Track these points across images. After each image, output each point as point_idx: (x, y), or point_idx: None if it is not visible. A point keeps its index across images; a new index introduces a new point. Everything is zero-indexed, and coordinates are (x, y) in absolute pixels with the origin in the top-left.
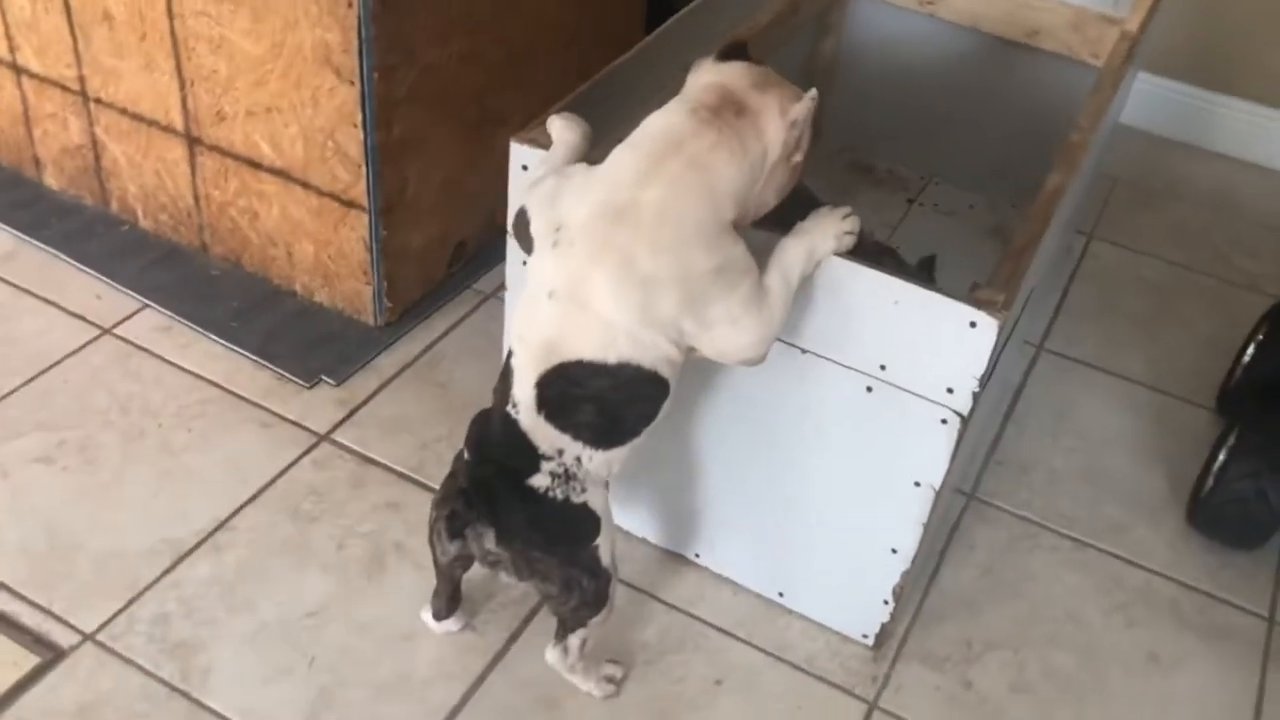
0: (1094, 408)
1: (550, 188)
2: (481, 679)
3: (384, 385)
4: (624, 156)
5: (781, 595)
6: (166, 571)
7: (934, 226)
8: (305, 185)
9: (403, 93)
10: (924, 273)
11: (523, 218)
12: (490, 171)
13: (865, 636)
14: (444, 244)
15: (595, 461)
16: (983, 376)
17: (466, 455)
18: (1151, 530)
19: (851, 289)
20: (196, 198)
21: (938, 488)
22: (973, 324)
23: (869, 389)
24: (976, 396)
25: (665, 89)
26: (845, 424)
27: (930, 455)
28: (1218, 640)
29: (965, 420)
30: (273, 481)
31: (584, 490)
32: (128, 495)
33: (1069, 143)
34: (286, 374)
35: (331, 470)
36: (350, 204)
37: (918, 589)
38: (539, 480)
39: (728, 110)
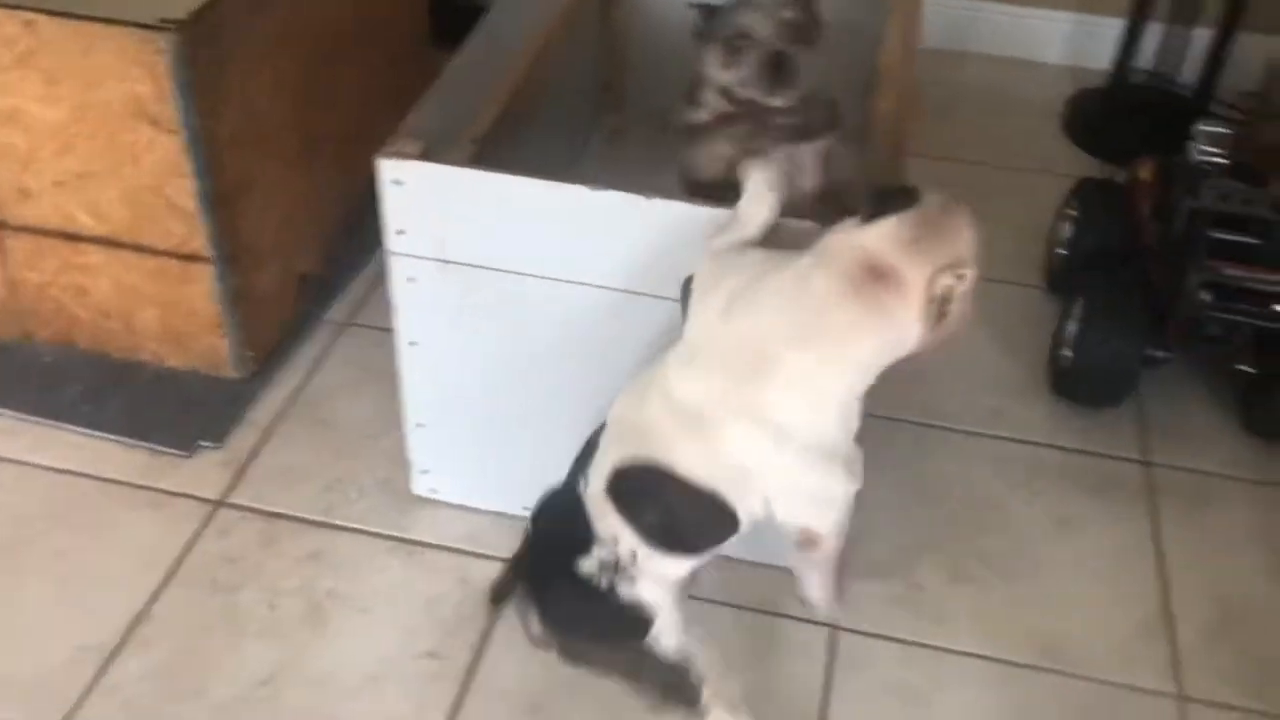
0: None
1: (725, 264)
2: (459, 703)
3: (267, 437)
4: (782, 296)
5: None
6: (96, 678)
7: None
8: (137, 248)
9: (228, 134)
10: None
11: (686, 288)
12: (320, 198)
13: None
14: (289, 281)
15: (651, 561)
16: None
17: (530, 511)
18: (1025, 408)
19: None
20: (10, 285)
21: None
22: None
23: None
24: None
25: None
26: None
27: None
28: (1108, 492)
29: None
30: (180, 560)
31: (634, 583)
32: (29, 611)
33: (887, 64)
34: (160, 447)
35: (238, 534)
36: (191, 258)
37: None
38: (587, 565)
39: (878, 276)
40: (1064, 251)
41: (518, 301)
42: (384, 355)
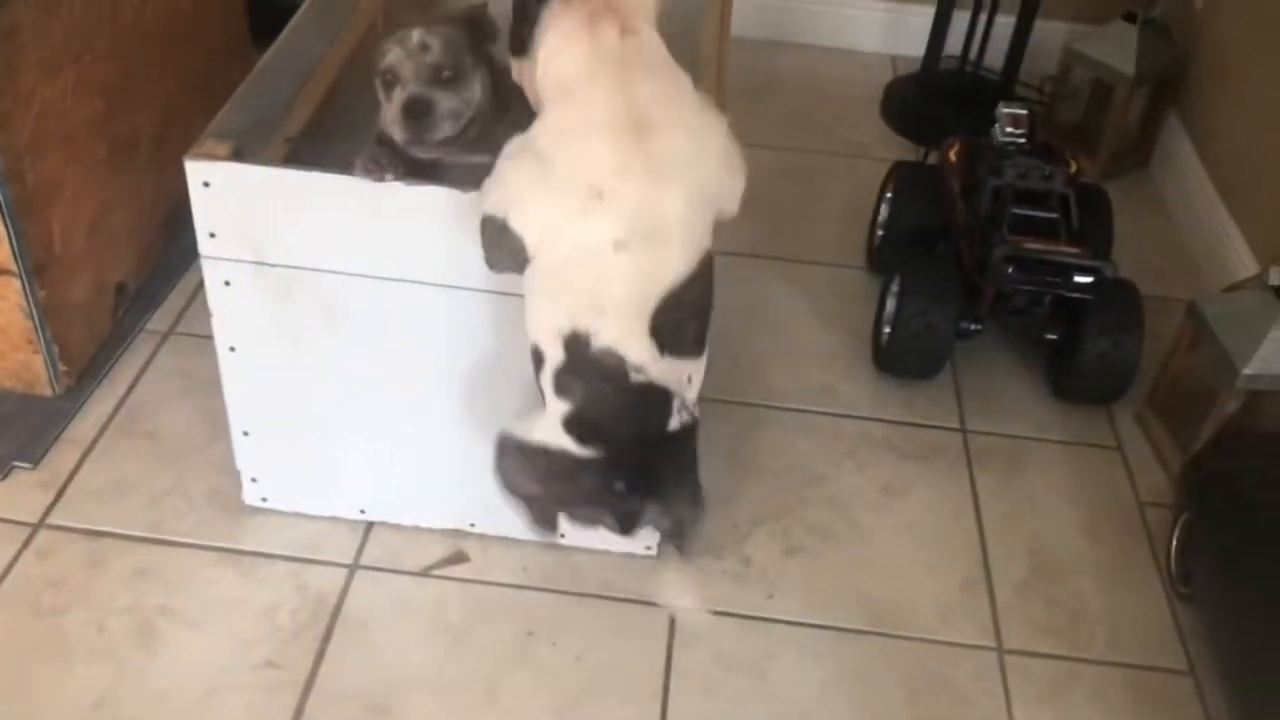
0: (772, 292)
1: (514, 176)
2: (300, 710)
3: (87, 453)
4: (588, 94)
5: (563, 536)
6: None
7: None
8: None
9: (26, 139)
10: None
11: (492, 224)
12: (132, 203)
13: (649, 549)
14: (104, 291)
15: (700, 367)
16: None
17: (587, 451)
18: (851, 383)
19: None
20: None
21: None
22: None
23: None
24: None
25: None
26: None
27: None
28: (930, 459)
29: None
30: None
31: (695, 402)
32: None
33: (703, 54)
34: None
35: (60, 556)
36: None
37: None
38: (674, 423)
39: (604, 11)
40: (882, 232)
41: (336, 301)
42: (208, 363)
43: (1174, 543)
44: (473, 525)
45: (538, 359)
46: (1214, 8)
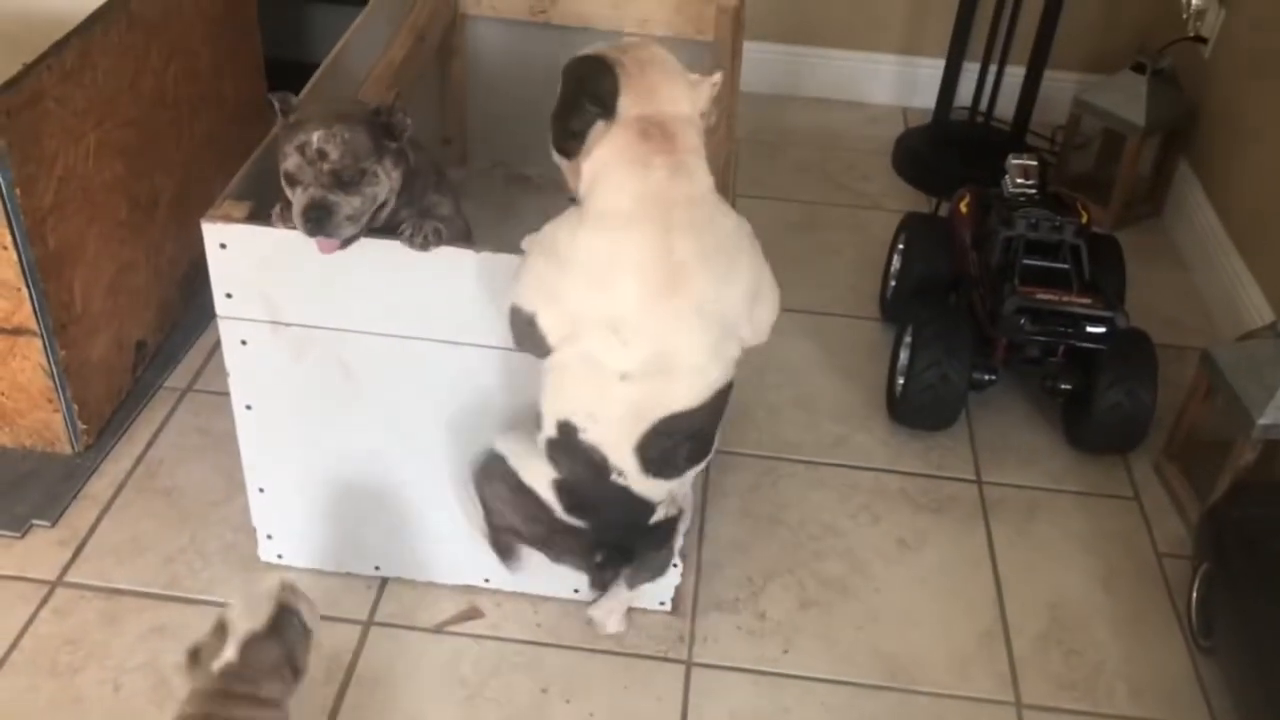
0: (785, 344)
1: (546, 277)
2: None
3: (105, 511)
4: (627, 237)
5: (577, 591)
6: None
7: None
8: None
9: (49, 201)
10: None
11: (520, 315)
12: (152, 263)
13: (663, 603)
14: (123, 349)
15: (689, 477)
16: None
17: (575, 521)
18: (866, 434)
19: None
20: None
21: None
22: None
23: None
24: None
25: None
26: None
27: None
28: (945, 511)
29: None
30: (15, 645)
31: (682, 500)
32: None
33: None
34: None
35: (77, 614)
36: (17, 331)
37: (692, 546)
38: (657, 516)
39: (658, 139)
40: (895, 283)
41: (352, 360)
42: (225, 420)
43: (1194, 594)
44: (487, 581)
45: (537, 421)
46: (1222, 57)
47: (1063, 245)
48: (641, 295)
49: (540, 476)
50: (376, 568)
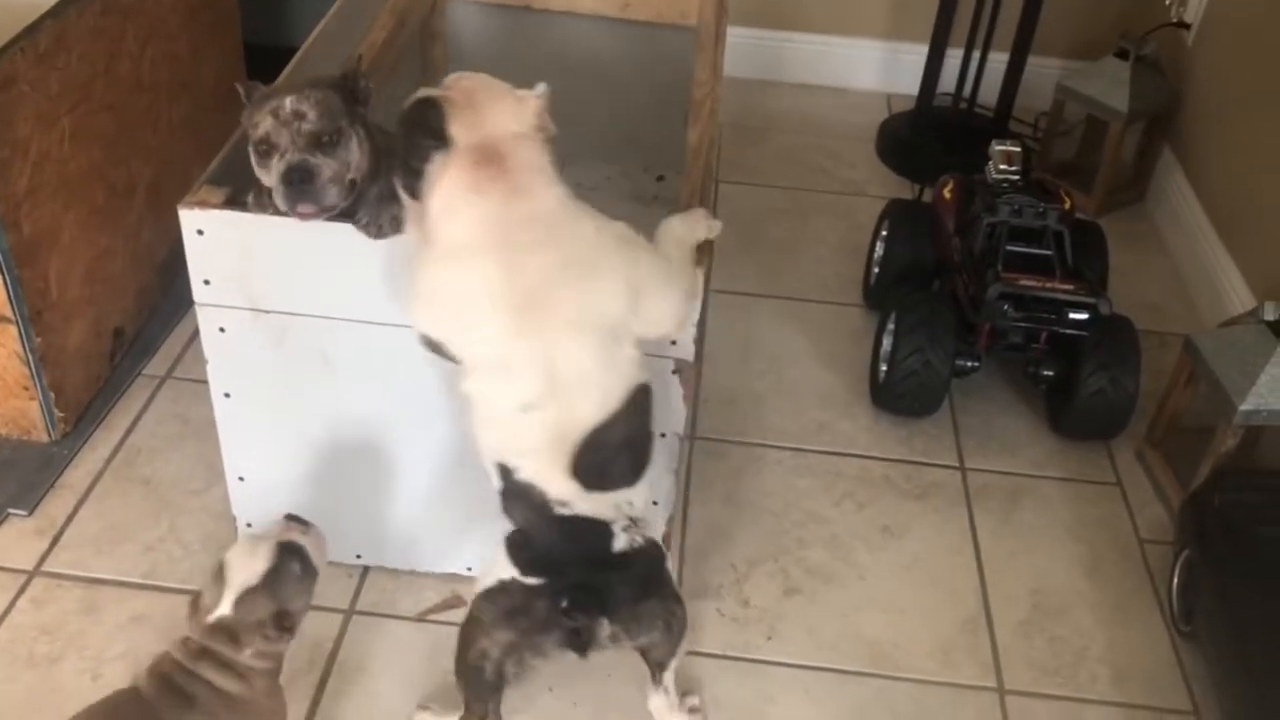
0: (769, 331)
1: (426, 301)
2: None
3: (83, 500)
4: (472, 267)
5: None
6: None
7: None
8: None
9: (23, 187)
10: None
11: (430, 340)
12: (130, 249)
13: None
14: (101, 336)
15: (640, 492)
16: (700, 322)
17: (533, 581)
18: (849, 421)
19: None
20: None
21: (682, 432)
22: None
23: None
24: (698, 341)
25: None
26: None
27: (669, 406)
28: (929, 497)
29: (693, 365)
30: None
31: (645, 522)
32: None
33: (695, 98)
34: None
35: (55, 604)
36: None
37: (676, 533)
38: (620, 544)
39: (491, 162)
40: (878, 270)
41: (331, 347)
42: (205, 408)
43: (1175, 580)
44: (469, 569)
45: (491, 478)
46: (1205, 44)
47: (1046, 231)
48: (504, 323)
49: (501, 555)
50: (358, 556)
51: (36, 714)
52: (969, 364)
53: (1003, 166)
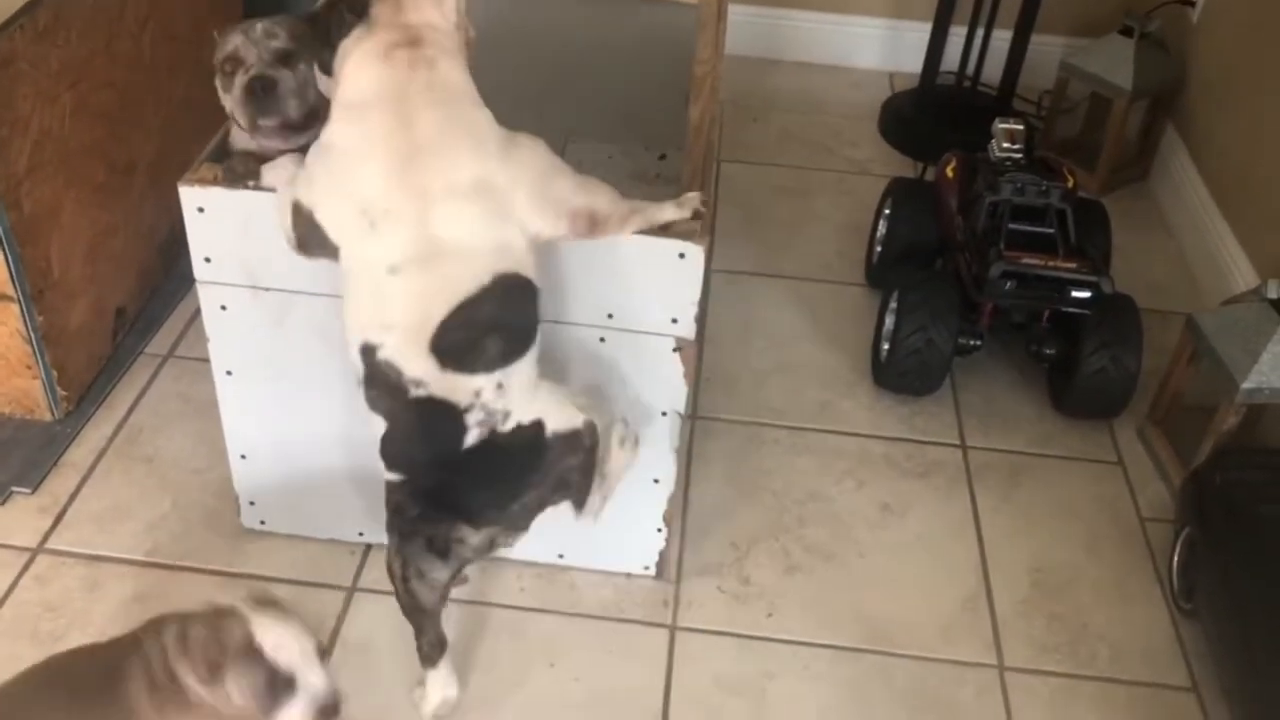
0: (770, 310)
1: (308, 172)
2: None
3: (85, 478)
4: (366, 118)
5: (562, 556)
6: None
7: None
8: None
9: (24, 166)
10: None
11: (300, 213)
12: (131, 228)
13: (647, 568)
14: (103, 315)
15: (514, 376)
16: (700, 300)
17: (396, 476)
18: (850, 400)
19: (565, 251)
20: None
21: (683, 411)
22: (681, 255)
23: (601, 339)
24: (699, 319)
25: None
26: (586, 379)
27: (670, 384)
28: (930, 476)
29: (694, 344)
30: None
31: (507, 416)
32: None
33: (696, 76)
34: None
35: (59, 581)
36: None
37: (676, 512)
38: (471, 437)
39: (405, 42)
40: (880, 249)
41: (332, 325)
42: (207, 387)
43: (1176, 558)
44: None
45: (356, 372)
46: (1210, 22)
47: (1049, 210)
48: (384, 176)
49: (375, 430)
50: (360, 534)
51: None
52: (971, 342)
53: (1006, 145)
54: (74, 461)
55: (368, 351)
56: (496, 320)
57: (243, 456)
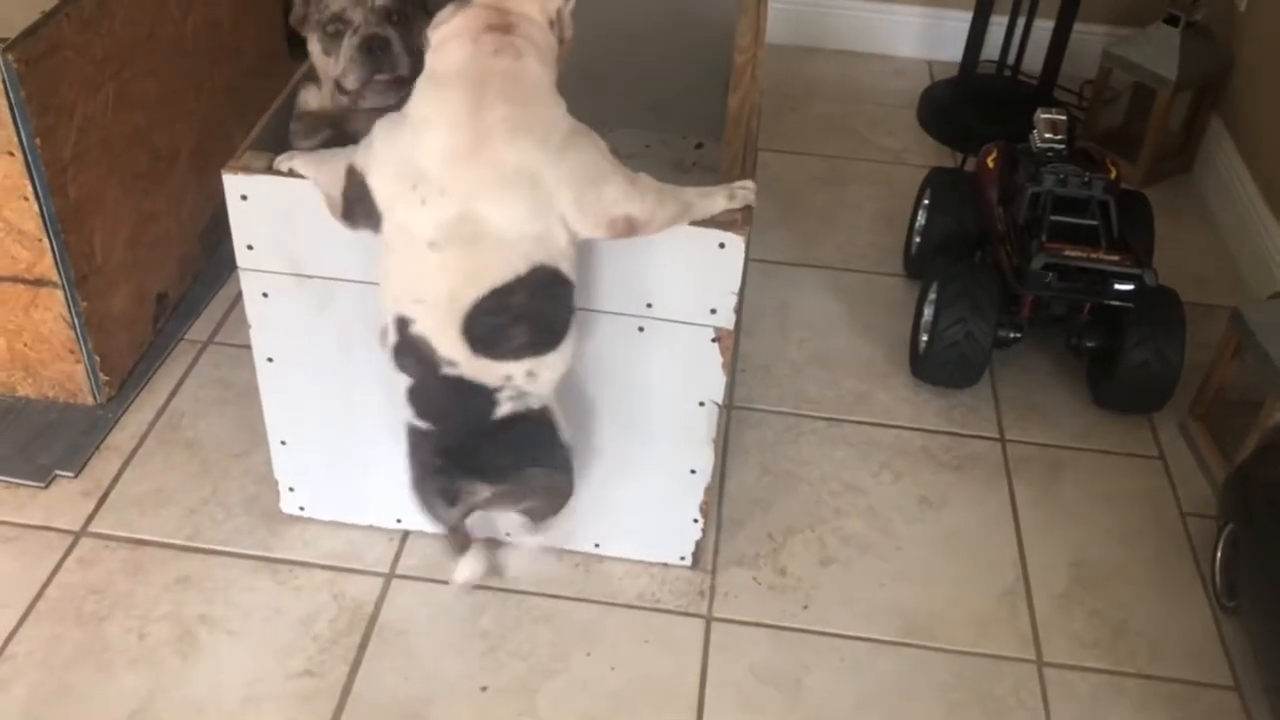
0: (807, 300)
1: (381, 138)
2: (336, 719)
3: (127, 462)
4: (444, 95)
5: (598, 546)
6: None
7: None
8: None
9: (69, 152)
10: None
11: (354, 176)
12: (173, 215)
13: (683, 559)
14: (144, 301)
15: (545, 368)
16: (739, 290)
17: (424, 425)
18: (887, 392)
19: (606, 241)
20: None
21: (721, 402)
22: (722, 245)
23: (640, 329)
24: (738, 310)
25: None
26: (625, 367)
27: (708, 374)
28: (968, 469)
29: (732, 334)
30: (40, 594)
31: (539, 398)
32: None
33: (737, 64)
34: (13, 480)
35: (102, 564)
36: (38, 282)
37: (713, 502)
38: (502, 411)
39: (497, 26)
40: (919, 239)
41: (373, 313)
42: (247, 373)
43: (1218, 555)
44: (508, 535)
45: (384, 335)
46: (1258, 9)
47: (1091, 202)
48: (445, 152)
49: (399, 397)
50: (398, 520)
51: (85, 671)
52: (1011, 335)
53: (1047, 135)
54: (116, 446)
55: (402, 324)
56: (527, 309)
57: (282, 442)
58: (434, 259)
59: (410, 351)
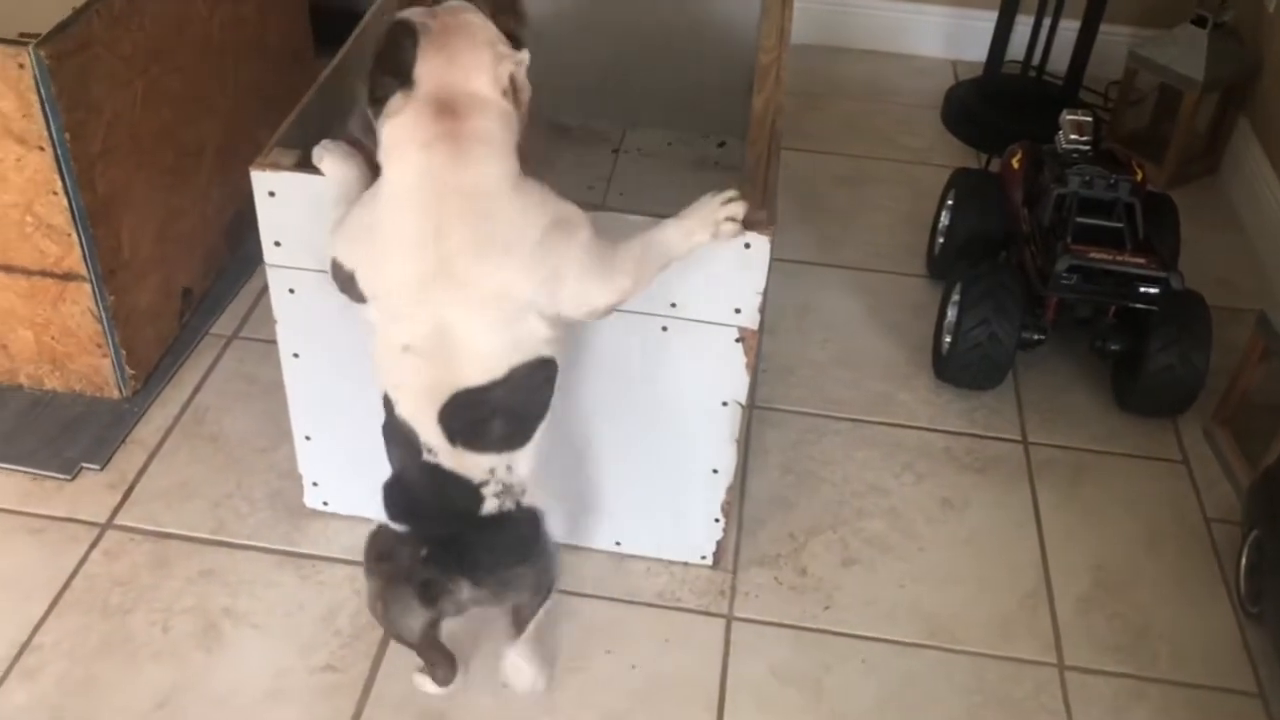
0: (829, 300)
1: (351, 232)
2: (359, 715)
3: (153, 455)
4: (402, 219)
5: (619, 544)
6: None
7: (641, 169)
8: (8, 269)
9: (98, 147)
10: None
11: (340, 270)
12: (199, 210)
13: (704, 558)
14: (170, 295)
15: (521, 462)
16: (764, 291)
17: (398, 526)
18: (910, 393)
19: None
20: None
21: (744, 402)
22: (747, 245)
23: (664, 328)
24: (762, 310)
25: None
26: (648, 368)
27: (731, 374)
28: (990, 471)
29: (756, 334)
30: (67, 585)
31: (524, 491)
32: None
33: (761, 64)
34: (40, 472)
35: (127, 556)
36: (67, 276)
37: (734, 502)
38: (489, 507)
39: (447, 118)
40: (943, 240)
41: None
42: (271, 368)
43: (1243, 560)
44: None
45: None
46: None
47: (1116, 204)
48: (411, 276)
49: (378, 509)
50: None
51: (110, 663)
52: (1035, 337)
53: (1073, 136)
54: (141, 439)
55: (388, 404)
56: (509, 405)
57: (307, 438)
58: (409, 359)
59: (396, 433)
